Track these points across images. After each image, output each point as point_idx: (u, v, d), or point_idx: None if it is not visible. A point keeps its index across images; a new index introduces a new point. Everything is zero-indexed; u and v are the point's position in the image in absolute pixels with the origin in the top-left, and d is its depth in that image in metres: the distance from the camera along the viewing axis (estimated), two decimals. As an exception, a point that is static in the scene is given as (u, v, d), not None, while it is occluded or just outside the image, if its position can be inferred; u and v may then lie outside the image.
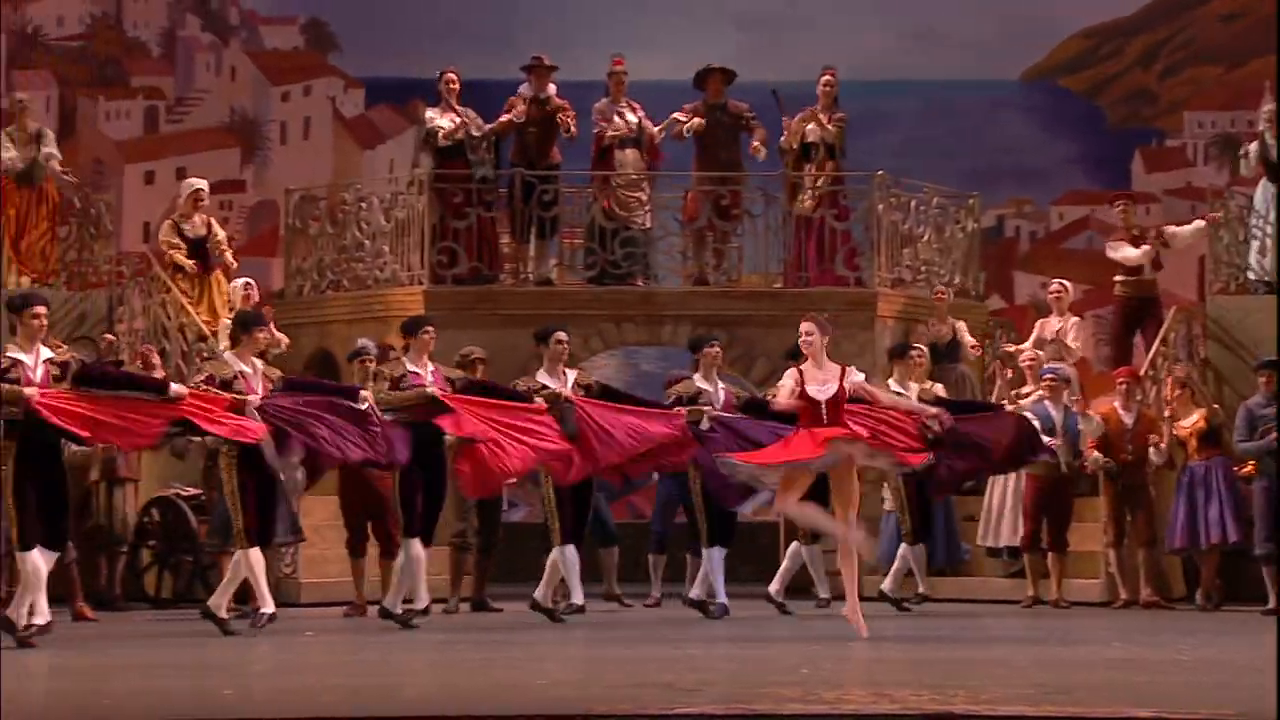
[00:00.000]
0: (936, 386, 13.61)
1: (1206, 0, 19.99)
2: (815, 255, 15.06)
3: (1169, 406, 14.03)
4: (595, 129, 15.11)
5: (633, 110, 15.12)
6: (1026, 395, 14.07)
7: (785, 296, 15.01)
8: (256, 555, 11.00)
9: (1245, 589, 13.36)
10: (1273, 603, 13.02)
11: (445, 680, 9.02)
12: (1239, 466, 13.48)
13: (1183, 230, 15.24)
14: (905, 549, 13.19)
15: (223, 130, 18.41)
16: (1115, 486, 13.63)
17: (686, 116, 15.01)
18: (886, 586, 13.18)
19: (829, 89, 15.07)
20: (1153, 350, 14.69)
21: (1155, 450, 13.56)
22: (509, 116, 14.79)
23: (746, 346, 14.84)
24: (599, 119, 15.11)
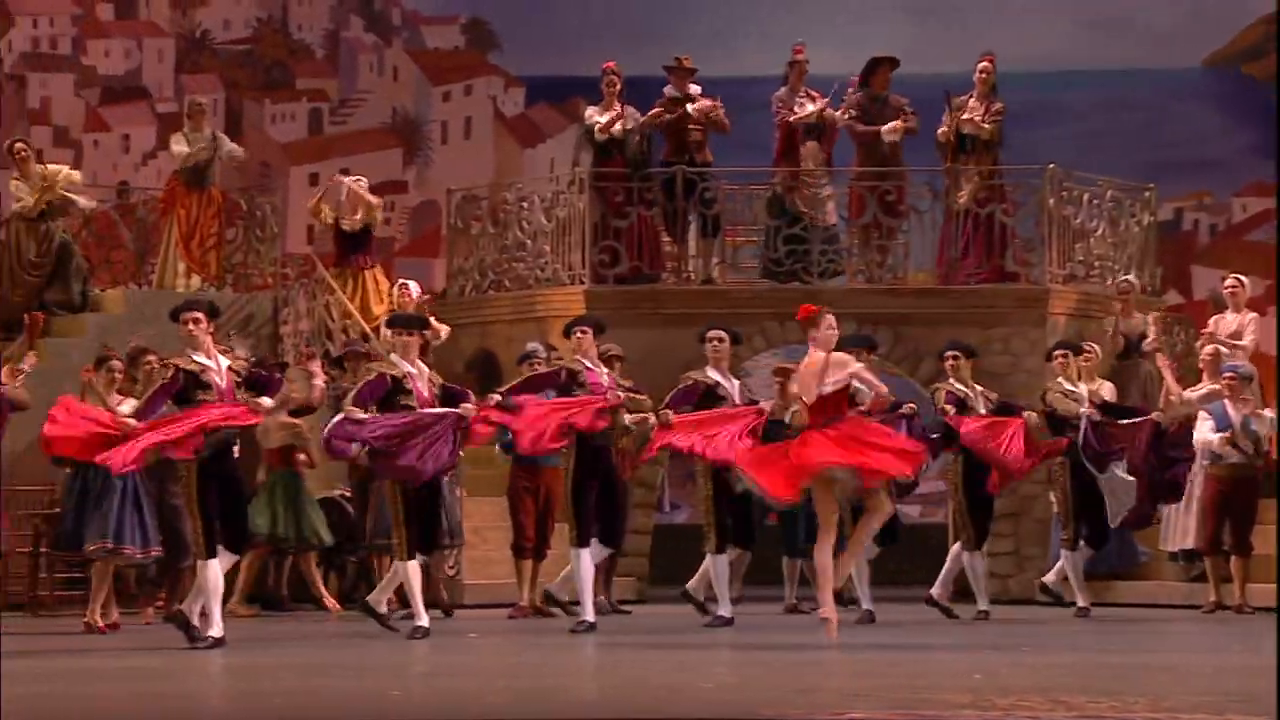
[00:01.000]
0: (1105, 387, 13.26)
1: (1397, -18, 19.33)
2: (979, 251, 14.75)
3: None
4: (776, 118, 14.89)
5: (813, 100, 14.89)
6: (1194, 390, 13.62)
7: (952, 294, 14.73)
8: (415, 567, 10.99)
9: None
10: None
11: (609, 683, 8.94)
12: None
13: None
14: (1065, 554, 12.90)
15: (385, 131, 18.51)
16: (1298, 488, 13.20)
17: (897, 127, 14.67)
18: (1050, 579, 12.89)
19: (986, 76, 14.69)
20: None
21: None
22: (649, 115, 14.69)
23: (912, 345, 14.58)
24: (779, 108, 14.89)
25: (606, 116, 14.75)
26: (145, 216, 15.72)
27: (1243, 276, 14.82)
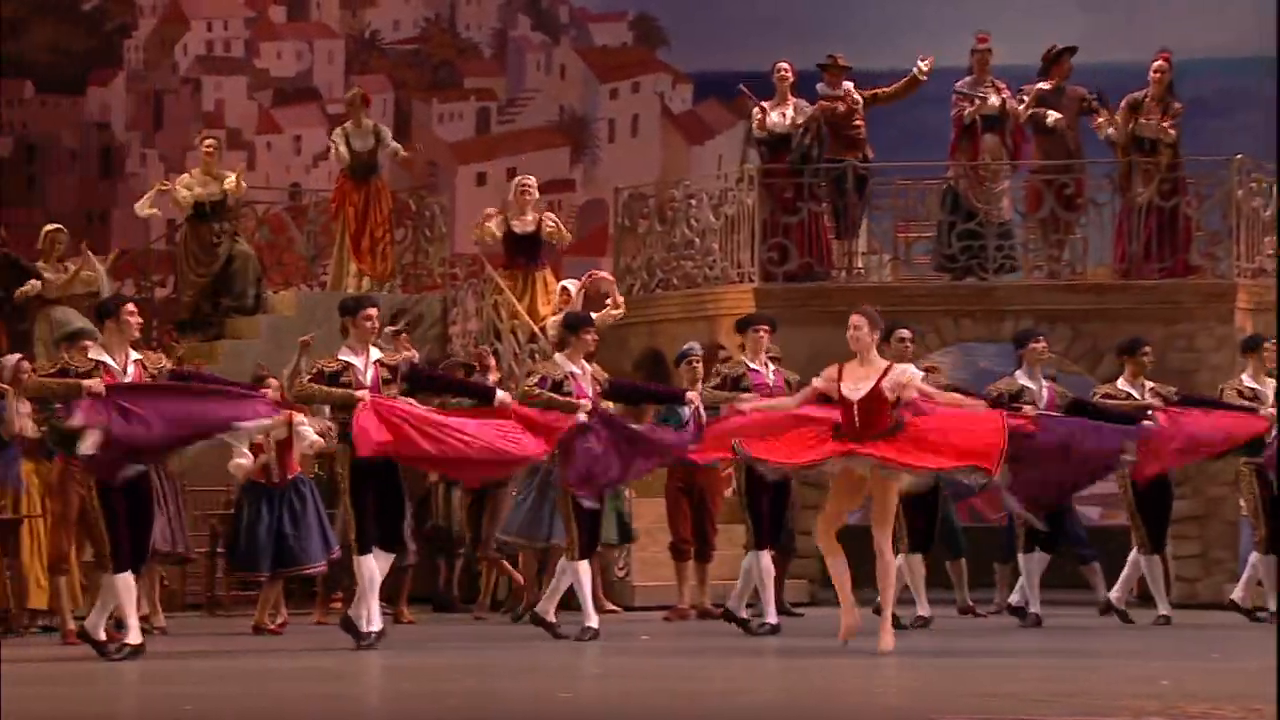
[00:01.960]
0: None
1: None
2: (1161, 245, 14.36)
3: None
4: (954, 109, 14.64)
5: (997, 91, 14.60)
6: None
7: (1133, 289, 14.37)
8: (586, 567, 10.90)
9: None
10: None
11: (782, 685, 8.81)
12: None
13: None
14: (1255, 557, 12.46)
15: (552, 129, 18.50)
16: None
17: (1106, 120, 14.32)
18: (1237, 595, 12.46)
19: (1161, 76, 14.22)
20: None
21: None
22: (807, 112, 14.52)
23: (1091, 342, 14.25)
24: (959, 99, 14.63)
25: (776, 113, 14.59)
26: (316, 218, 15.85)
27: None
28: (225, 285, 15.12)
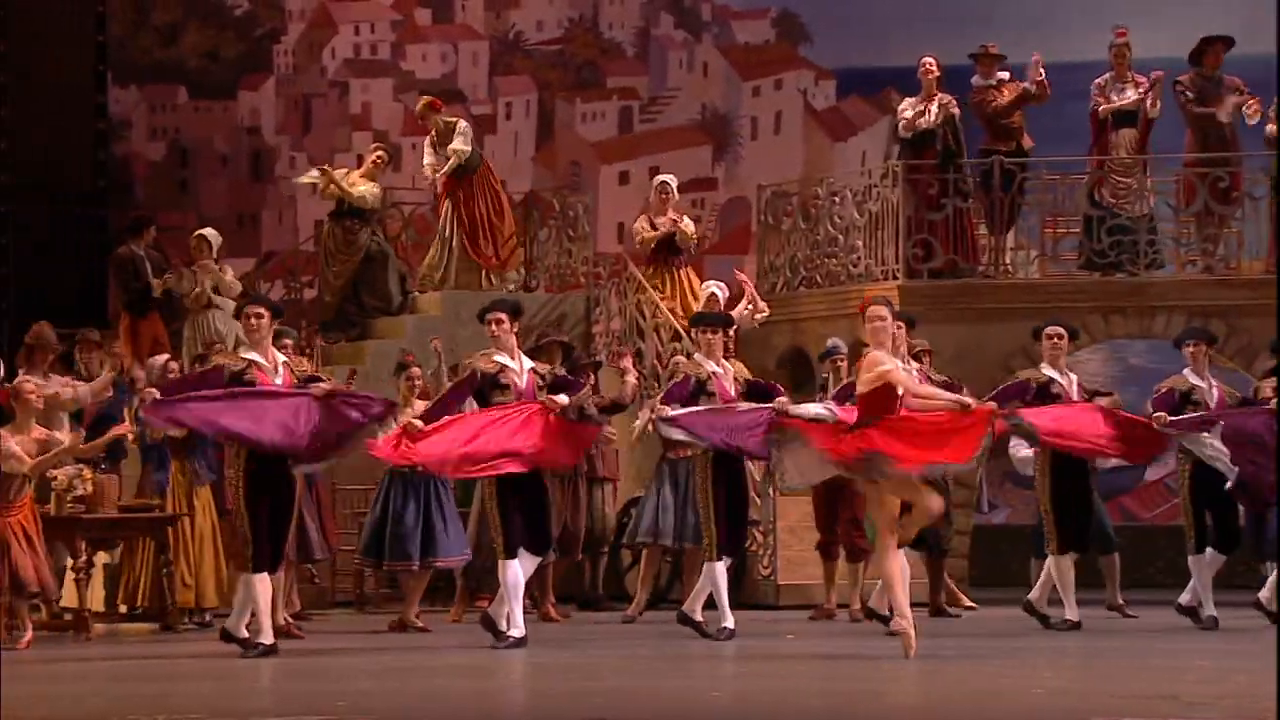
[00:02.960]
0: None
1: None
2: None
3: None
4: (1091, 104, 14.43)
5: (1135, 86, 14.36)
6: None
7: (1291, 283, 14.03)
8: (722, 568, 10.82)
9: None
10: None
11: (928, 686, 8.69)
12: None
13: None
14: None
15: (694, 128, 18.44)
16: None
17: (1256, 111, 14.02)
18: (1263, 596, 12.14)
19: None
20: None
21: None
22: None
23: (1248, 338, 13.94)
24: (1096, 94, 14.42)
25: (921, 108, 14.43)
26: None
27: None
28: (367, 285, 15.24)
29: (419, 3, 18.82)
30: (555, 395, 10.50)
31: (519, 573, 10.42)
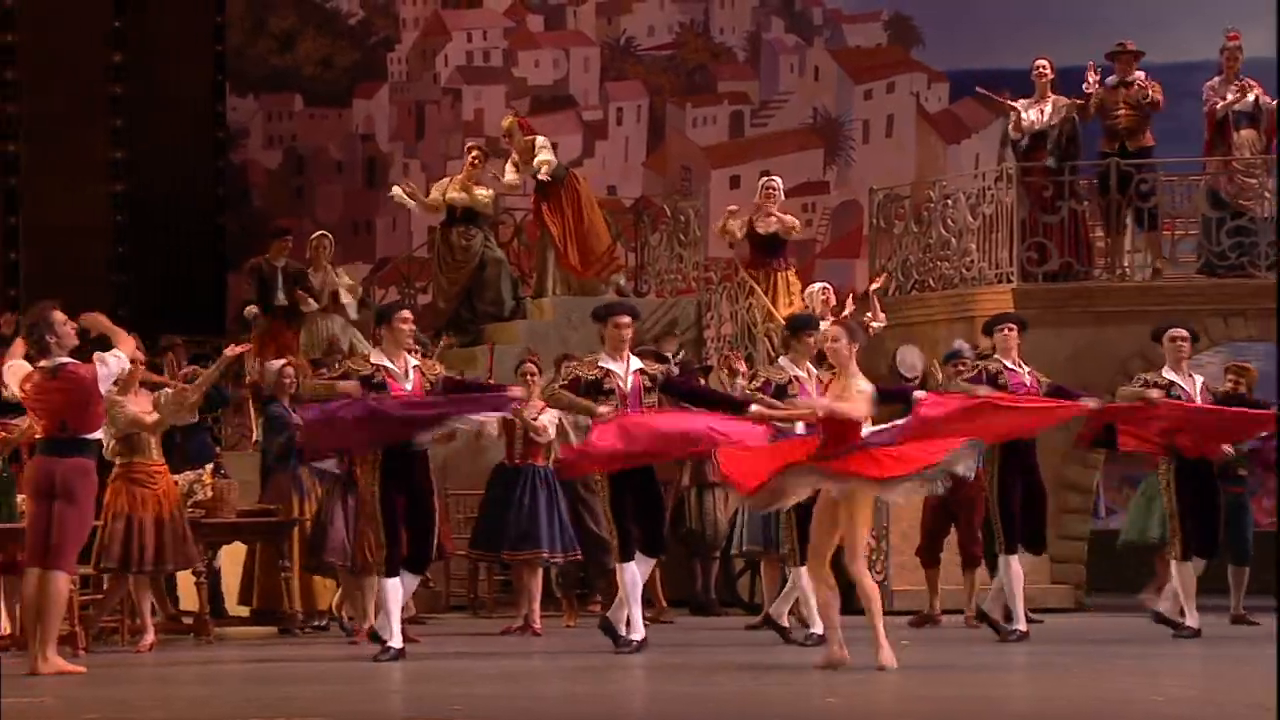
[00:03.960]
0: None
1: None
2: None
3: None
4: (1205, 107, 14.29)
5: (1246, 90, 14.21)
6: None
7: None
8: (805, 573, 10.77)
9: None
10: None
11: (1047, 693, 8.62)
12: None
13: None
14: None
15: (806, 131, 18.41)
16: None
17: None
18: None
19: None
20: None
21: None
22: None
23: (1369, 340, 13.71)
24: (1210, 96, 14.29)
25: (1034, 110, 14.35)
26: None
27: None
28: (479, 291, 15.35)
29: (531, 10, 18.93)
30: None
31: (636, 575, 10.38)
